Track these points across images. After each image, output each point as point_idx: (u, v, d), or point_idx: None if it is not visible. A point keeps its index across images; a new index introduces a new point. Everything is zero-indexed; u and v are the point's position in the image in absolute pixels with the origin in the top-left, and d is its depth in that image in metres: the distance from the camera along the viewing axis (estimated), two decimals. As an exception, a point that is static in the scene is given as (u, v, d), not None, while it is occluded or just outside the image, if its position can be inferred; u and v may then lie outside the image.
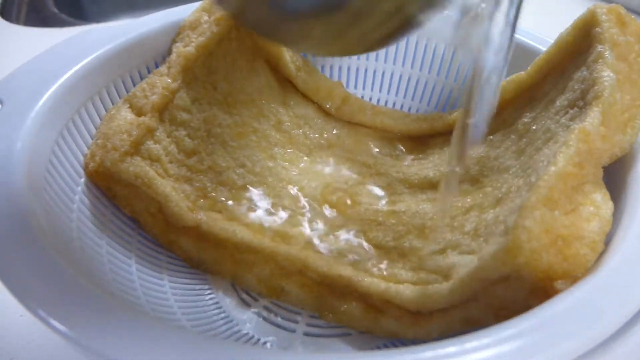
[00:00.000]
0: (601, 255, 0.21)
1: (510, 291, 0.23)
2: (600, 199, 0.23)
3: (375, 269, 0.29)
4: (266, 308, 0.30)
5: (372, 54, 0.42)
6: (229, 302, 0.30)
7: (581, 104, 0.26)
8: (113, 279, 0.27)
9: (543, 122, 0.29)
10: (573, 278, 0.20)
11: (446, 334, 0.25)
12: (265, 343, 0.28)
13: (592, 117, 0.24)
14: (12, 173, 0.24)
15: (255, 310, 0.30)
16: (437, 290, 0.26)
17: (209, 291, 0.30)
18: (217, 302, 0.30)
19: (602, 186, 0.24)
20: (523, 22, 0.38)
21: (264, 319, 0.29)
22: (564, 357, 0.17)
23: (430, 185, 0.34)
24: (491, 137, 0.33)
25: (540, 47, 0.35)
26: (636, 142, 0.25)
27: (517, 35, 0.36)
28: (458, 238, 0.28)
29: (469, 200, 0.30)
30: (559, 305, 0.19)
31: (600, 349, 0.18)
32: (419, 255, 0.29)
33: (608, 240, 0.22)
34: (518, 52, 0.36)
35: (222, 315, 0.29)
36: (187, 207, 0.31)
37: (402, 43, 0.41)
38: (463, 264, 0.26)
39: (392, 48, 0.41)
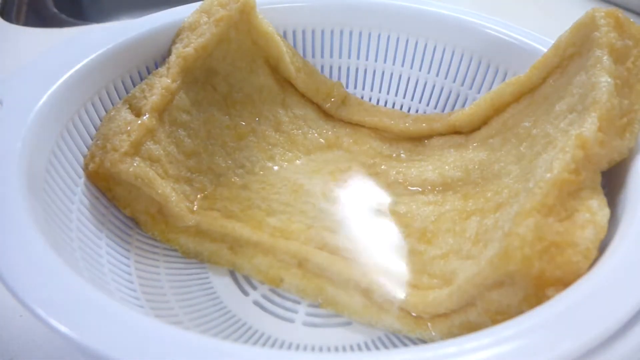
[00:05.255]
0: (601, 256, 0.21)
1: (504, 297, 0.23)
2: (597, 206, 0.23)
3: (376, 267, 0.29)
4: (265, 297, 0.30)
5: (372, 54, 0.42)
6: (227, 293, 0.30)
7: (580, 108, 0.26)
8: (112, 278, 0.27)
9: (543, 126, 0.28)
10: (564, 285, 0.20)
11: (448, 338, 0.25)
12: (263, 334, 0.28)
13: (590, 123, 0.24)
14: (12, 173, 0.24)
15: (254, 300, 0.30)
16: (436, 296, 0.26)
17: (207, 282, 0.30)
18: (215, 293, 0.30)
19: (600, 192, 0.24)
20: (524, 23, 0.38)
21: (263, 309, 0.29)
22: (563, 358, 0.17)
23: (430, 188, 0.34)
24: (491, 140, 0.33)
25: (541, 47, 0.34)
26: (635, 146, 0.25)
27: (517, 36, 0.36)
28: (460, 243, 0.28)
29: (470, 204, 0.30)
30: (559, 305, 0.19)
31: (600, 349, 0.18)
32: (422, 259, 0.29)
33: (606, 242, 0.22)
34: (518, 52, 0.36)
35: (220, 306, 0.29)
36: (187, 208, 0.31)
37: (402, 43, 0.41)
38: (463, 269, 0.26)
39: (392, 48, 0.41)
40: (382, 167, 0.37)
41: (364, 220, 0.32)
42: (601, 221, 0.22)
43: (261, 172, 0.35)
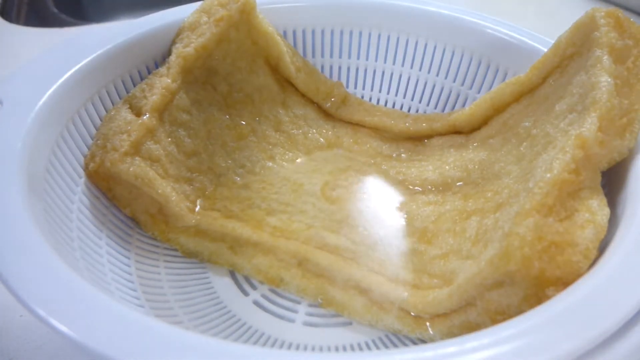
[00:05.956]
0: (601, 256, 0.21)
1: (504, 297, 0.23)
2: (597, 205, 0.23)
3: (377, 267, 0.29)
4: (265, 297, 0.30)
5: (372, 54, 0.42)
6: (227, 292, 0.30)
7: (580, 108, 0.26)
8: (112, 278, 0.27)
9: (543, 126, 0.28)
10: (564, 285, 0.20)
11: (448, 337, 0.25)
12: (263, 334, 0.28)
13: (589, 123, 0.24)
14: (12, 173, 0.24)
15: (254, 300, 0.30)
16: (436, 295, 0.26)
17: (207, 282, 0.30)
18: (215, 293, 0.30)
19: (600, 192, 0.24)
20: (524, 23, 0.38)
21: (263, 309, 0.29)
22: (563, 358, 0.17)
23: (430, 188, 0.34)
24: (491, 140, 0.33)
25: (541, 47, 0.34)
26: (635, 146, 0.25)
27: (517, 36, 0.36)
28: (460, 243, 0.28)
29: (470, 204, 0.30)
30: (559, 305, 0.19)
31: (600, 349, 0.18)
32: (422, 259, 0.29)
33: (606, 242, 0.22)
34: (518, 52, 0.36)
35: (220, 306, 0.29)
36: (187, 208, 0.31)
37: (402, 43, 0.41)
38: (463, 269, 0.26)
39: (392, 48, 0.41)
40: (382, 167, 0.37)
41: (364, 220, 0.32)
42: (601, 221, 0.22)
43: (261, 172, 0.35)
